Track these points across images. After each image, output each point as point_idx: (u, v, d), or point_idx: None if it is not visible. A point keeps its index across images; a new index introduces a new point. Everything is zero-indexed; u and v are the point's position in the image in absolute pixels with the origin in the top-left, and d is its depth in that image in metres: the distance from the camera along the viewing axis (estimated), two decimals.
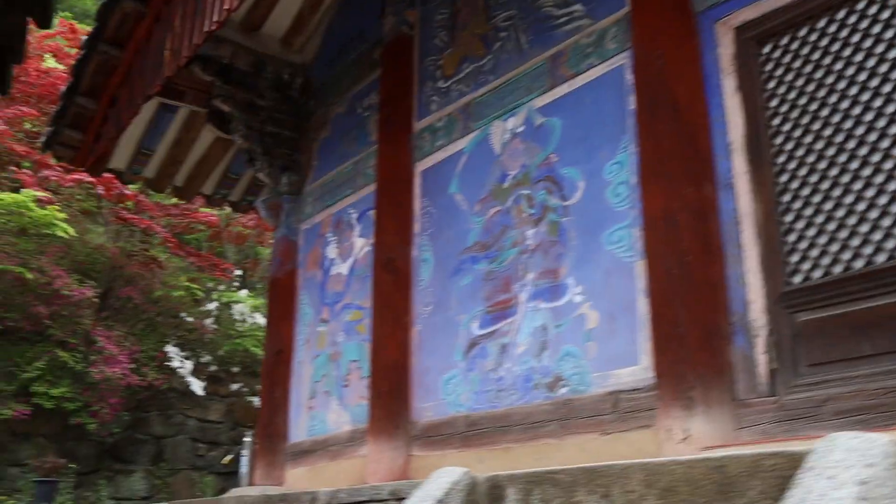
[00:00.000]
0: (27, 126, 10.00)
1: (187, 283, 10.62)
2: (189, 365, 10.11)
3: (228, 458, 6.86)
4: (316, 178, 6.56)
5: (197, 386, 10.10)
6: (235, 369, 11.01)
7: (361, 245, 5.72)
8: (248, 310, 10.78)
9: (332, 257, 6.06)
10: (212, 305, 10.80)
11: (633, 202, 3.70)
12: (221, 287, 11.17)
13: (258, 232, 12.55)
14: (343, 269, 5.89)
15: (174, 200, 11.22)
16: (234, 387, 10.88)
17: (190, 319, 10.63)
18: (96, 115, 7.20)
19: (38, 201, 8.80)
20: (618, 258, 3.73)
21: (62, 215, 9.00)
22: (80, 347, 9.25)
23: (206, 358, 10.71)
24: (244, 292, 11.15)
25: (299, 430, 5.90)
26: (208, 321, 10.87)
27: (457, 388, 4.49)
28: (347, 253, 5.88)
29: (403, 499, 2.57)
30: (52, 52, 10.71)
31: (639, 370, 3.49)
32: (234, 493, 5.91)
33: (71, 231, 8.98)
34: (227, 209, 11.87)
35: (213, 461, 10.88)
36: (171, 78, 5.78)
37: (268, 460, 6.01)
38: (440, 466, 4.45)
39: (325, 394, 5.69)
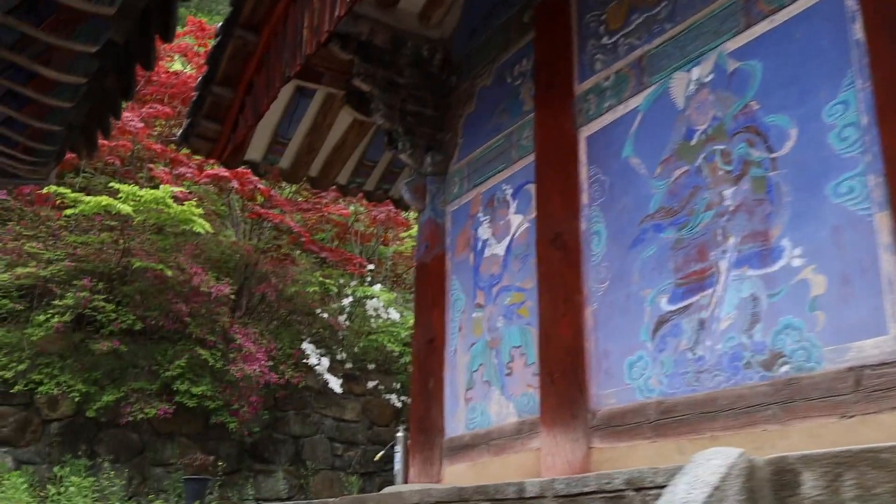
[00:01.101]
0: (158, 128, 10.26)
1: (321, 279, 10.62)
2: (326, 362, 10.08)
3: (380, 455, 6.68)
4: (462, 156, 6.31)
5: (335, 384, 10.06)
6: (371, 366, 10.92)
7: (519, 222, 5.41)
8: (383, 305, 10.66)
9: (485, 238, 5.78)
10: (346, 301, 10.76)
11: (867, 146, 3.22)
12: (354, 283, 11.12)
13: (383, 229, 12.50)
14: (499, 249, 5.59)
15: (304, 196, 11.31)
16: (371, 384, 10.78)
17: (325, 316, 10.61)
18: (233, 104, 7.22)
19: (175, 198, 8.95)
20: (849, 212, 3.26)
21: (199, 211, 9.13)
22: (218, 345, 9.36)
23: (342, 355, 10.67)
24: (377, 287, 11.06)
25: (457, 423, 5.64)
26: (341, 318, 10.83)
27: (645, 371, 4.10)
28: (503, 232, 5.58)
29: (645, 488, 2.21)
30: (182, 52, 10.95)
31: (888, 341, 3.01)
32: (390, 490, 5.71)
33: (208, 227, 9.10)
34: (352, 207, 11.90)
35: (351, 461, 10.85)
36: (310, 58, 5.68)
37: (423, 457, 5.79)
38: (629, 459, 4.09)
39: (485, 384, 5.41)
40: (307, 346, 10.05)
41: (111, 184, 9.03)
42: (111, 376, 9.21)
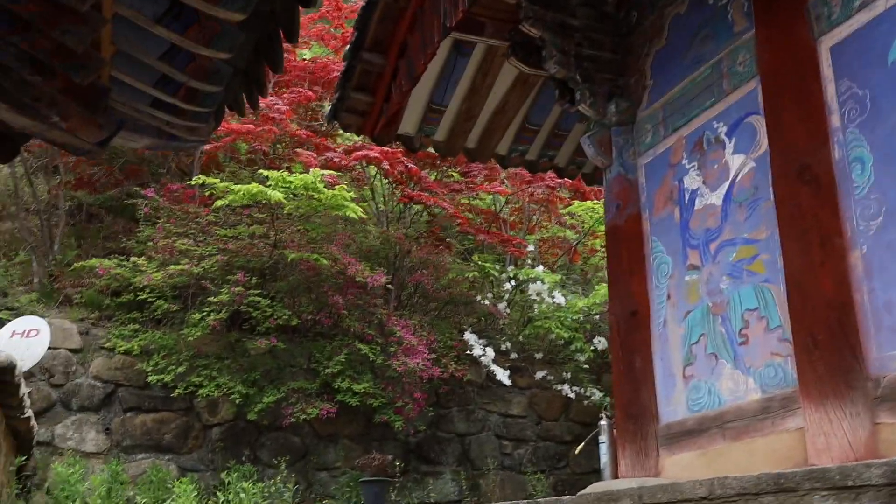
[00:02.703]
0: (300, 113, 10.04)
1: (481, 263, 10.12)
2: (491, 353, 9.55)
3: (580, 448, 6.07)
4: (653, 99, 5.62)
5: (503, 375, 9.51)
6: (538, 356, 10.31)
7: (740, 163, 4.69)
8: (548, 288, 10.04)
9: (693, 188, 5.08)
10: (509, 286, 10.21)
11: None
12: (511, 268, 10.55)
13: (540, 208, 11.90)
14: (714, 198, 4.88)
15: (454, 177, 10.86)
16: (539, 375, 10.17)
17: (485, 302, 10.10)
18: (385, 71, 6.86)
19: (325, 183, 8.65)
20: None
21: (350, 195, 8.81)
22: (377, 339, 9.00)
23: (505, 345, 10.12)
24: (540, 268, 10.45)
25: (675, 406, 4.95)
26: (501, 305, 10.28)
27: None
28: (718, 178, 4.86)
29: None
30: (318, 37, 10.72)
31: None
32: (598, 487, 5.09)
33: (360, 212, 8.76)
34: (507, 187, 11.31)
35: (521, 459, 10.29)
36: (470, 7, 5.19)
37: (635, 447, 5.13)
38: None
39: (710, 357, 4.70)
40: (469, 337, 9.56)
41: (259, 171, 8.83)
42: (269, 376, 9.03)
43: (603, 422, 5.46)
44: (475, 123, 7.47)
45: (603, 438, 5.42)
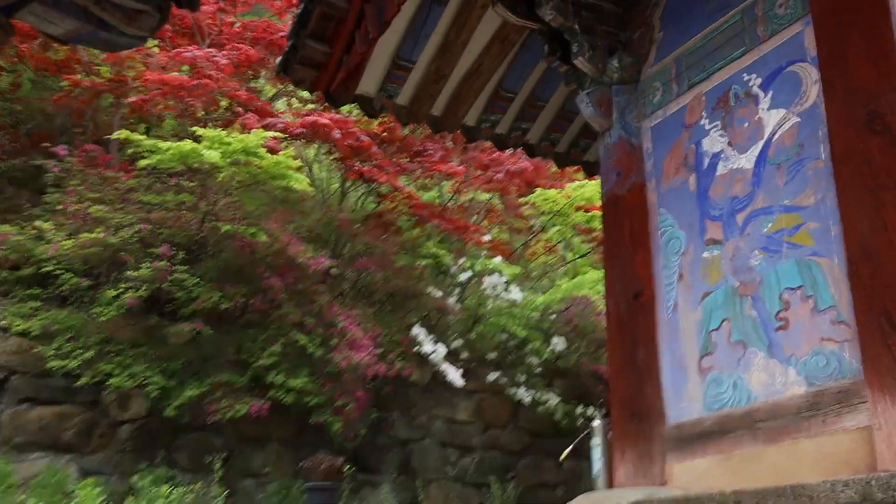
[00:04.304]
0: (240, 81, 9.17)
1: (435, 250, 9.38)
2: (442, 350, 8.81)
3: (566, 453, 5.39)
4: (663, 54, 5.04)
5: (455, 376, 8.78)
6: (492, 356, 9.61)
7: (779, 119, 4.10)
8: (505, 282, 9.35)
9: (715, 151, 4.48)
10: (464, 276, 9.49)
11: None
12: (462, 260, 9.83)
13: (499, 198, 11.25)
14: (743, 162, 4.28)
15: (405, 156, 10.12)
16: (492, 377, 9.46)
17: (438, 294, 9.35)
18: (349, 15, 6.11)
19: (268, 148, 7.79)
20: None
21: (296, 163, 7.96)
22: (317, 329, 8.16)
23: (457, 342, 9.39)
24: (498, 259, 9.77)
25: (687, 403, 4.32)
26: (452, 300, 9.55)
27: None
28: (750, 137, 4.27)
29: None
30: None
31: None
32: (586, 498, 4.42)
33: (306, 183, 7.93)
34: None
35: (466, 471, 9.57)
36: None
37: (637, 451, 4.49)
38: None
39: (736, 346, 4.09)
40: (418, 332, 8.80)
41: (193, 129, 7.91)
42: (192, 368, 8.10)
43: (596, 422, 4.80)
44: (444, 87, 6.76)
45: (596, 441, 4.74)
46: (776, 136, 4.10)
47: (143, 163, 7.75)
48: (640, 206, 4.91)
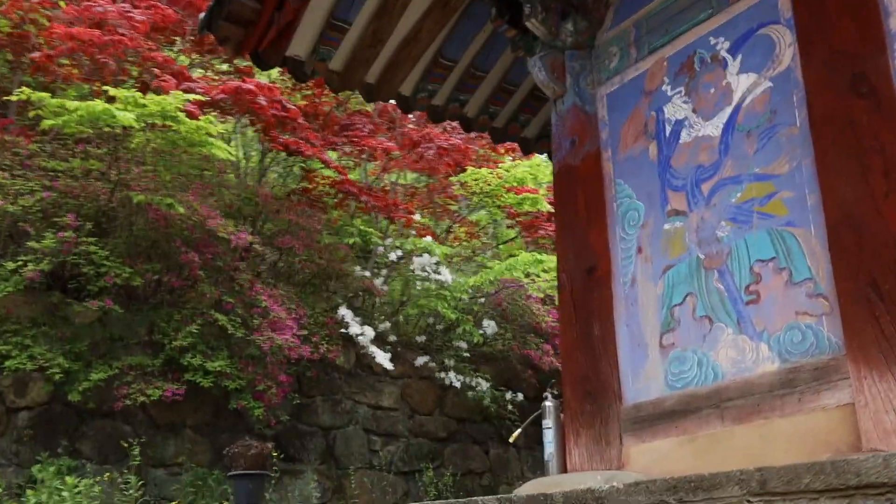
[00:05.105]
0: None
1: (362, 228, 9.01)
2: (370, 332, 8.47)
3: (515, 434, 5.14)
4: (620, 18, 4.86)
5: (383, 359, 8.46)
6: (420, 338, 9.32)
7: (750, 84, 3.96)
8: (436, 262, 9.06)
9: (678, 118, 4.31)
10: (393, 256, 9.15)
11: None
12: (389, 240, 9.50)
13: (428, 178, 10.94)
14: (709, 129, 4.12)
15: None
16: (420, 362, 9.18)
17: (366, 274, 8.99)
18: None
19: (188, 113, 7.27)
20: None
21: (218, 129, 7.47)
22: (237, 309, 7.72)
23: (384, 325, 9.06)
24: (429, 238, 9.47)
25: (647, 382, 4.15)
26: (378, 281, 9.22)
27: None
28: (717, 104, 4.12)
29: None
30: None
31: None
32: (540, 484, 4.20)
33: (229, 151, 7.44)
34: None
35: (392, 458, 9.28)
36: None
37: (592, 433, 4.30)
38: None
39: (701, 321, 3.93)
40: (345, 313, 8.44)
41: (105, 88, 7.32)
42: (99, 349, 7.56)
43: (548, 402, 4.57)
44: (381, 52, 6.42)
45: (548, 423, 4.52)
46: (746, 102, 3.95)
47: (46, 123, 7.12)
48: (595, 176, 4.71)
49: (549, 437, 4.50)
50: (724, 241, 3.89)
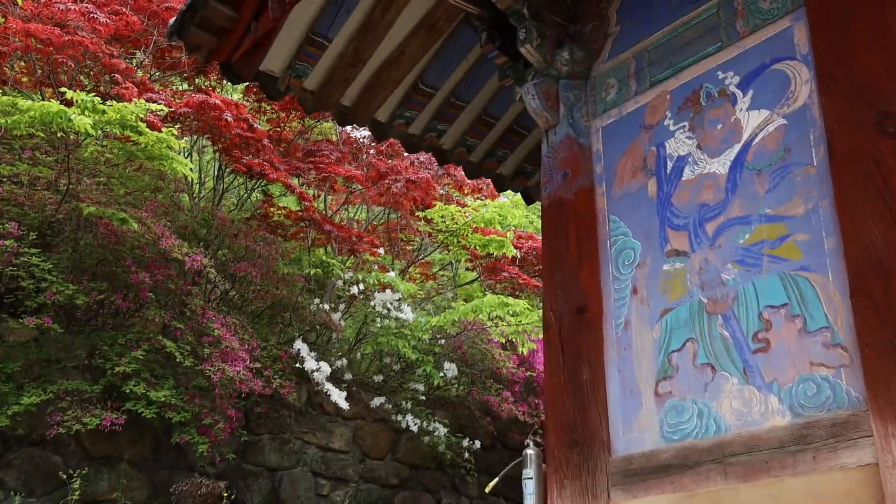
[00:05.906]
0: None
1: (324, 258, 8.67)
2: (327, 368, 8.09)
3: (492, 484, 4.82)
4: (620, 49, 4.70)
5: (338, 397, 8.08)
6: (377, 378, 8.96)
7: (761, 121, 3.80)
8: (399, 298, 8.74)
9: (681, 154, 4.13)
10: (355, 289, 8.81)
11: None
12: (350, 274, 9.18)
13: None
14: (716, 166, 3.94)
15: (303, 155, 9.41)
16: (376, 403, 8.80)
17: (325, 307, 8.64)
18: None
19: (149, 124, 6.91)
20: None
21: (181, 143, 7.11)
22: (187, 336, 7.31)
23: (341, 362, 8.69)
24: (393, 274, 9.16)
25: (640, 433, 3.90)
26: (336, 315, 8.88)
27: None
28: (724, 140, 3.95)
29: None
30: None
31: None
32: None
33: (190, 167, 7.08)
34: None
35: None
36: None
37: (578, 486, 4.04)
38: None
39: (702, 369, 3.71)
40: (301, 346, 8.07)
41: (62, 90, 6.92)
42: (33, 371, 7.07)
43: (530, 450, 4.29)
44: (360, 72, 6.20)
45: (528, 472, 4.24)
46: (756, 140, 3.79)
47: None
48: (587, 211, 4.51)
49: (529, 487, 4.21)
50: (731, 284, 3.69)
